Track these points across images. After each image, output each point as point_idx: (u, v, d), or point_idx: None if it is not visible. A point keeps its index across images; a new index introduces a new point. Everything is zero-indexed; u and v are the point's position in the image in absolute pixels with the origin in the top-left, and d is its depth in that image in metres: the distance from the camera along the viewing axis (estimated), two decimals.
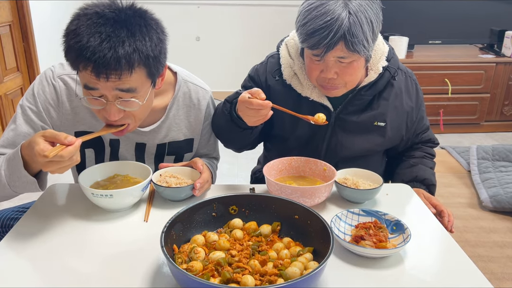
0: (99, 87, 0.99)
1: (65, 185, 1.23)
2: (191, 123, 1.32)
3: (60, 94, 1.18)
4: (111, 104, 1.02)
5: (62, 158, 0.89)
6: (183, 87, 1.29)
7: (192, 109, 1.31)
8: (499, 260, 2.14)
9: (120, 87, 0.99)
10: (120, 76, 0.97)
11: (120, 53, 0.94)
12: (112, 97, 1.01)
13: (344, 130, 1.33)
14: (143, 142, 1.27)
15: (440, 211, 1.28)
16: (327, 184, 1.11)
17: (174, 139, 1.30)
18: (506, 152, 3.09)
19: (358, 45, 1.11)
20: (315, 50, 1.16)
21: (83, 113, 1.20)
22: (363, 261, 0.93)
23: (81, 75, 1.01)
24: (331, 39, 1.10)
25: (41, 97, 1.17)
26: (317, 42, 1.12)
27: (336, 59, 1.16)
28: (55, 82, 1.17)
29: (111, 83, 0.98)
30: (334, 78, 1.19)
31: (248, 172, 1.71)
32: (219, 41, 4.37)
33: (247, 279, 0.80)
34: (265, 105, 1.09)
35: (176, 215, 0.92)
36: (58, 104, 1.18)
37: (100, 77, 0.96)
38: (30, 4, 2.98)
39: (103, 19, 0.95)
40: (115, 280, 0.86)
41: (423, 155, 1.45)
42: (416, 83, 1.41)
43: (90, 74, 0.96)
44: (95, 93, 1.01)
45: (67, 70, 1.18)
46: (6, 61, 2.81)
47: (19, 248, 0.95)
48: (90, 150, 1.26)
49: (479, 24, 3.90)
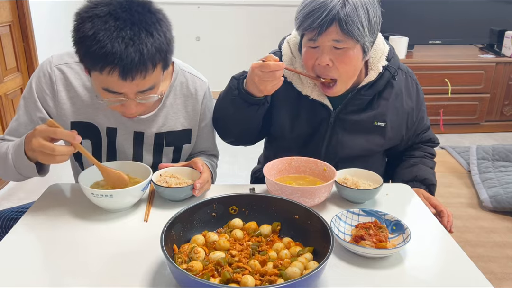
0: (123, 90, 1.03)
1: (65, 185, 1.23)
2: (188, 113, 1.32)
3: (55, 83, 1.19)
4: (131, 100, 1.06)
5: (54, 152, 0.97)
6: (180, 76, 1.29)
7: (189, 98, 1.31)
8: (499, 260, 2.14)
9: (142, 88, 1.04)
10: (145, 76, 1.01)
11: (145, 55, 0.98)
12: (133, 95, 1.05)
13: (344, 129, 1.33)
14: (141, 131, 1.27)
15: (439, 211, 1.28)
16: (327, 184, 1.11)
17: (171, 128, 1.30)
18: (506, 152, 3.09)
19: (353, 26, 1.13)
20: (310, 33, 1.17)
21: (80, 104, 1.21)
22: (363, 261, 0.93)
23: (101, 78, 1.01)
24: (325, 17, 1.12)
25: (38, 87, 1.19)
26: (311, 21, 1.14)
27: (331, 43, 1.16)
28: (51, 71, 1.19)
29: (135, 84, 1.01)
30: (329, 66, 1.19)
31: (248, 172, 1.71)
32: (219, 41, 4.37)
33: (247, 279, 0.80)
34: (281, 65, 1.11)
35: (176, 215, 0.92)
36: (53, 93, 1.20)
37: (126, 79, 0.99)
38: (30, 4, 2.98)
39: (120, 22, 0.96)
40: (115, 280, 0.86)
41: (423, 154, 1.45)
42: (417, 83, 1.41)
43: (116, 78, 0.98)
44: (114, 95, 1.04)
45: (65, 60, 1.21)
46: (6, 61, 2.80)
47: (19, 248, 0.95)
48: (87, 141, 1.26)
49: (479, 24, 3.90)
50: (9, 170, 1.12)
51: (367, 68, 1.31)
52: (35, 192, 2.70)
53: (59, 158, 0.99)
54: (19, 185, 2.81)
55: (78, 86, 1.21)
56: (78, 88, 1.21)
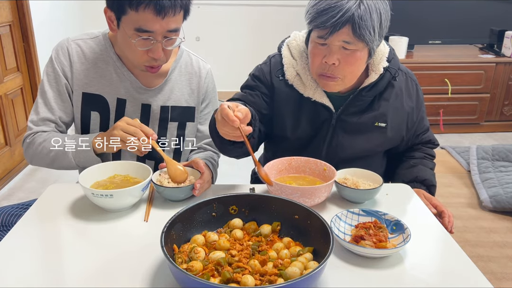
0: (154, 28, 1.14)
1: (65, 185, 1.24)
2: (192, 91, 1.40)
3: (71, 54, 1.30)
4: (158, 43, 1.17)
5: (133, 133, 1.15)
6: (185, 56, 1.40)
7: (193, 76, 1.40)
8: (499, 260, 2.14)
9: (171, 27, 1.16)
10: (174, 14, 1.14)
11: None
12: (160, 37, 1.16)
13: (345, 131, 1.33)
14: (148, 103, 1.34)
15: (440, 212, 1.28)
16: (327, 184, 1.11)
17: (176, 103, 1.37)
18: (506, 152, 3.09)
19: (365, 30, 1.12)
20: (321, 30, 1.16)
21: (92, 76, 1.31)
22: (363, 261, 0.93)
23: (135, 18, 1.13)
24: (339, 18, 1.11)
25: (57, 59, 1.30)
26: (325, 20, 1.13)
27: (341, 43, 1.16)
28: (68, 44, 1.31)
29: (165, 22, 1.13)
30: (335, 65, 1.19)
31: (248, 172, 1.71)
32: (219, 41, 4.37)
33: (247, 279, 0.80)
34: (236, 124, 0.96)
35: (176, 215, 0.92)
36: (70, 64, 1.30)
37: (159, 15, 1.11)
38: (30, 4, 2.98)
39: None
40: (115, 280, 0.86)
41: (423, 155, 1.46)
42: (417, 83, 1.41)
43: (150, 14, 1.11)
44: (144, 35, 1.15)
45: (81, 36, 1.33)
46: (6, 61, 2.80)
47: (19, 248, 0.95)
48: (95, 113, 1.32)
49: (479, 24, 3.90)
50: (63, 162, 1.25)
51: (368, 70, 1.31)
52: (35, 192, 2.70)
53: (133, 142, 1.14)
54: (19, 185, 2.81)
55: (92, 59, 1.31)
56: (92, 60, 1.30)
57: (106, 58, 1.31)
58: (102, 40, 1.32)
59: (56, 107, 1.31)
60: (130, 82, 1.31)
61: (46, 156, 1.26)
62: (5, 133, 2.81)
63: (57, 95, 1.31)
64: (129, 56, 1.24)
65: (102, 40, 1.32)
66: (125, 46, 1.21)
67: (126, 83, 1.31)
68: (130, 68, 1.31)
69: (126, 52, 1.24)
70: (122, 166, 1.19)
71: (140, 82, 1.32)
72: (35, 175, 2.92)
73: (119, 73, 1.31)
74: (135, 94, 1.33)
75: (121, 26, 1.17)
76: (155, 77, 1.34)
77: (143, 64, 1.23)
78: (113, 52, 1.31)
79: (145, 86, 1.33)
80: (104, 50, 1.31)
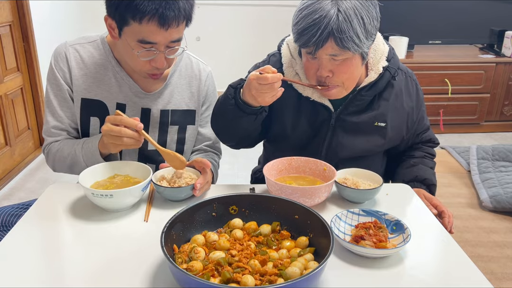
0: (157, 40, 1.13)
1: (65, 185, 1.23)
2: (193, 94, 1.40)
3: (69, 60, 1.29)
4: (161, 54, 1.17)
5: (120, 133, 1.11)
6: (185, 58, 1.40)
7: (193, 79, 1.40)
8: (499, 260, 2.14)
9: (173, 38, 1.16)
10: (178, 25, 1.13)
11: (180, 8, 1.12)
12: (163, 47, 1.16)
13: (345, 130, 1.33)
14: (147, 108, 1.33)
15: (441, 212, 1.28)
16: (327, 184, 1.11)
17: (176, 107, 1.37)
18: (506, 152, 3.09)
19: (348, 42, 1.11)
20: (307, 48, 1.17)
21: (91, 81, 1.30)
22: (363, 261, 0.93)
23: (138, 29, 1.12)
24: (320, 36, 1.11)
25: (56, 66, 1.30)
26: (307, 40, 1.13)
27: (329, 57, 1.16)
28: (65, 50, 1.30)
29: (169, 33, 1.13)
30: (329, 76, 1.19)
31: (248, 172, 1.71)
32: (219, 41, 4.37)
33: (247, 279, 0.80)
34: (278, 77, 1.09)
35: (176, 215, 0.92)
36: (69, 70, 1.30)
37: (163, 27, 1.11)
38: (30, 4, 2.98)
39: None
40: (115, 280, 0.86)
41: (424, 155, 1.45)
42: (417, 83, 1.41)
43: (154, 26, 1.10)
44: (147, 46, 1.15)
45: (78, 41, 1.32)
46: (6, 61, 2.80)
47: (19, 248, 0.95)
48: (95, 119, 1.32)
49: (479, 24, 3.90)
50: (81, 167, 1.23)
51: (367, 69, 1.31)
52: (35, 192, 2.70)
53: (126, 140, 1.11)
54: (19, 185, 2.81)
55: (90, 64, 1.30)
56: (90, 66, 1.30)
57: (105, 63, 1.30)
58: (101, 44, 1.31)
59: (63, 115, 1.31)
60: (130, 87, 1.31)
61: (64, 163, 1.30)
62: (5, 133, 2.81)
63: (63, 103, 1.31)
64: (131, 64, 1.23)
65: (100, 44, 1.31)
66: (126, 55, 1.21)
67: (126, 88, 1.31)
68: (129, 73, 1.31)
69: (128, 61, 1.23)
70: (122, 166, 1.20)
71: (139, 86, 1.32)
72: (35, 175, 2.92)
73: (118, 78, 1.30)
74: (135, 99, 1.32)
75: (123, 36, 1.16)
76: (155, 82, 1.33)
77: (145, 72, 1.23)
78: (112, 57, 1.30)
79: (145, 91, 1.33)
80: (103, 55, 1.30)
